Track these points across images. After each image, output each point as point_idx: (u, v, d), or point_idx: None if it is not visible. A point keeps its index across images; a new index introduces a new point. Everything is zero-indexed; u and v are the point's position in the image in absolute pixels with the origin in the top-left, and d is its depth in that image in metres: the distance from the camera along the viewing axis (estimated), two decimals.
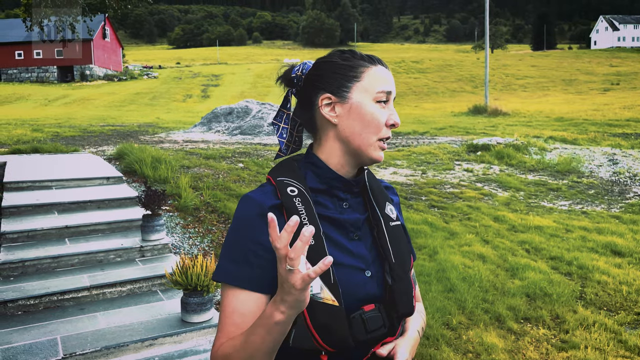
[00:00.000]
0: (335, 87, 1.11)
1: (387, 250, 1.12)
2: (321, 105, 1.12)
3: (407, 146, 12.54)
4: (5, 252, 4.40)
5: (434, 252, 5.34)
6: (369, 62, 1.12)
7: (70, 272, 4.33)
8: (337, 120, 1.11)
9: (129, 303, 4.01)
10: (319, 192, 1.12)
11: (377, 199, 1.17)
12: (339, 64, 1.12)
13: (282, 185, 1.09)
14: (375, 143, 1.10)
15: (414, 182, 8.46)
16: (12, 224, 4.93)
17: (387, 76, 1.12)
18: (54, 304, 3.89)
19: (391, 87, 1.11)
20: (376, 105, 1.10)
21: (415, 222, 6.28)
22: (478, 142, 12.23)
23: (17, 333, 3.42)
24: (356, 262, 1.09)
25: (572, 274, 4.98)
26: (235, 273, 1.04)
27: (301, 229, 1.02)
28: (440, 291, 4.48)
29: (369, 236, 1.14)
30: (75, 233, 5.00)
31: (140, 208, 5.33)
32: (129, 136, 13.96)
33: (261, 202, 1.07)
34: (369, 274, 1.09)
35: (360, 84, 1.10)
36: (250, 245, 1.04)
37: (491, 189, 8.35)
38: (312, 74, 1.15)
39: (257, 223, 1.05)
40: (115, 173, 6.93)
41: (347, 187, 1.14)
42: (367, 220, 1.15)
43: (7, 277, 4.13)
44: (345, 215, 1.12)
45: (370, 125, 1.09)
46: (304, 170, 1.14)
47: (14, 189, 6.01)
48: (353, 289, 1.05)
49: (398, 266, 1.11)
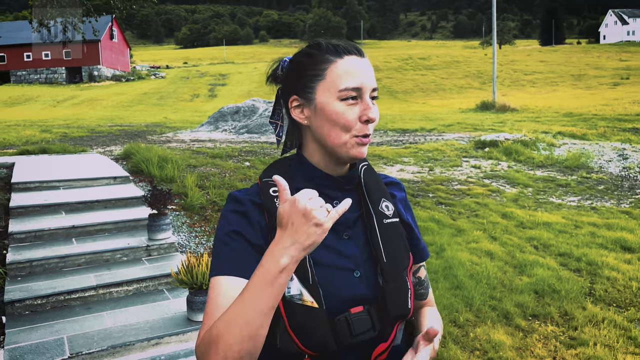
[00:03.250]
0: (300, 88, 1.07)
1: (378, 248, 1.08)
2: (291, 107, 1.09)
3: (414, 143, 12.48)
4: (12, 252, 4.42)
5: (441, 249, 5.31)
6: (334, 55, 1.05)
7: (77, 271, 4.35)
8: (308, 122, 1.08)
9: (135, 302, 4.01)
10: None
11: (371, 195, 1.13)
12: (303, 63, 1.08)
13: (266, 185, 1.08)
14: (349, 141, 1.04)
15: (421, 179, 8.42)
16: (19, 224, 4.96)
17: (355, 69, 1.03)
18: (61, 303, 3.90)
19: (360, 80, 1.03)
20: (341, 103, 1.03)
21: (422, 219, 6.24)
22: (486, 138, 12.15)
23: (24, 333, 3.44)
24: (344, 263, 1.05)
25: (581, 271, 4.93)
26: (218, 265, 1.01)
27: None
28: (448, 288, 4.45)
29: (361, 235, 1.10)
30: (83, 233, 5.02)
31: (146, 207, 5.34)
32: (136, 136, 14.01)
33: (243, 199, 1.07)
34: (357, 275, 1.05)
35: (324, 83, 1.04)
36: (231, 234, 1.03)
37: (499, 186, 8.29)
38: (284, 74, 1.12)
39: (238, 217, 1.04)
40: (122, 173, 6.95)
41: (337, 185, 1.11)
42: (362, 218, 1.12)
43: (14, 277, 4.15)
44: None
45: (337, 125, 1.03)
46: (294, 170, 1.12)
47: (22, 189, 6.05)
48: (338, 290, 1.02)
49: (390, 265, 1.07)
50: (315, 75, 1.05)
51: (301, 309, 0.97)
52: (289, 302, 0.97)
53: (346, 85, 1.02)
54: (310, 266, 1.00)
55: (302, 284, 0.98)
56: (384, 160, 9.96)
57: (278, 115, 1.17)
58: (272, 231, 1.00)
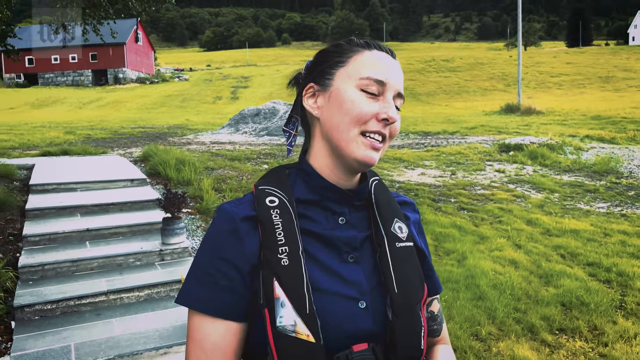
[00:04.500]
0: (319, 75, 0.96)
1: (389, 276, 0.92)
2: (305, 96, 0.97)
3: (436, 146, 12.25)
4: (26, 256, 4.38)
5: (462, 257, 5.11)
6: (364, 47, 0.95)
7: (89, 276, 4.28)
8: (319, 112, 0.95)
9: (146, 309, 3.93)
10: (308, 204, 0.95)
11: (383, 214, 0.98)
12: (329, 52, 0.97)
13: (262, 194, 0.93)
14: (357, 138, 0.90)
15: (443, 184, 8.21)
16: (34, 226, 4.93)
17: (382, 63, 0.93)
18: (71, 309, 3.84)
19: (385, 75, 0.91)
20: (360, 92, 0.90)
21: (443, 225, 6.05)
22: (510, 141, 11.86)
23: (32, 339, 3.37)
24: (347, 290, 0.90)
25: (612, 282, 4.68)
26: (201, 296, 0.88)
27: (277, 247, 0.87)
28: (469, 299, 4.26)
29: (370, 259, 0.95)
30: (97, 236, 4.97)
31: (161, 211, 5.27)
32: (158, 138, 14.07)
33: (233, 213, 0.92)
34: (363, 305, 0.89)
35: (345, 69, 0.93)
36: (217, 263, 0.89)
37: (524, 191, 8.03)
38: (307, 68, 1.01)
39: (227, 238, 0.90)
40: (140, 175, 6.91)
41: (344, 199, 0.96)
42: (371, 239, 0.97)
43: (26, 280, 4.10)
44: (337, 232, 0.93)
45: (348, 113, 0.90)
46: (294, 179, 0.98)
47: (40, 191, 6.05)
48: (339, 323, 0.87)
49: (402, 296, 0.91)
50: (339, 62, 0.94)
51: (294, 343, 0.82)
52: (280, 333, 0.82)
53: (369, 74, 0.91)
54: (307, 291, 0.85)
55: (297, 313, 0.83)
56: (405, 164, 9.77)
57: (293, 124, 1.05)
58: (267, 247, 0.87)
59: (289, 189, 0.95)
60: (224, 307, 0.87)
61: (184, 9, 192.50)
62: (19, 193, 5.92)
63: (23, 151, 10.47)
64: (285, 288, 0.84)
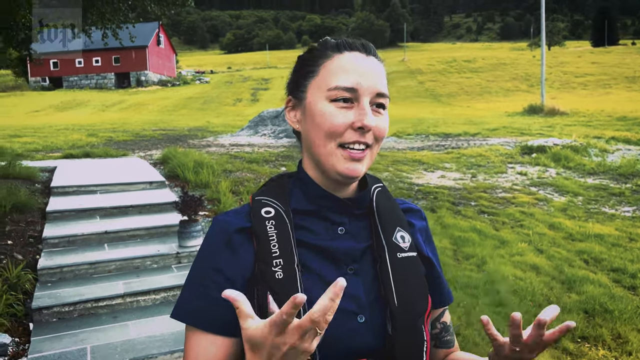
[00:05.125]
0: (295, 87, 0.93)
1: (389, 288, 0.88)
2: (287, 109, 0.94)
3: (456, 148, 12.11)
4: (45, 258, 4.44)
5: (482, 262, 5.02)
6: (334, 50, 0.89)
7: (107, 278, 4.31)
8: (299, 126, 0.92)
9: (162, 311, 3.93)
10: (306, 214, 0.91)
11: (384, 223, 0.93)
12: (302, 60, 0.93)
13: (258, 205, 0.90)
14: (335, 151, 0.86)
15: (463, 186, 8.09)
16: (54, 228, 4.99)
17: (352, 66, 0.86)
18: (88, 311, 3.86)
19: (357, 80, 0.85)
20: (330, 104, 0.85)
21: (462, 229, 5.95)
22: (533, 143, 11.66)
23: (50, 341, 3.40)
24: (346, 304, 0.85)
25: (637, 288, 4.54)
26: (194, 311, 0.85)
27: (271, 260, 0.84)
28: (488, 305, 4.17)
29: (370, 270, 0.90)
30: (115, 238, 5.01)
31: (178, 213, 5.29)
32: (178, 140, 14.20)
33: (227, 225, 0.89)
34: (362, 320, 0.85)
35: (315, 80, 0.88)
36: (210, 276, 0.86)
37: (546, 194, 7.87)
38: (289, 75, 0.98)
39: (220, 250, 0.87)
40: (159, 177, 6.96)
41: (343, 208, 0.92)
42: (372, 250, 0.92)
43: (45, 282, 4.15)
44: (336, 243, 0.89)
45: (320, 128, 0.86)
46: (292, 188, 0.94)
47: (60, 193, 6.13)
48: (337, 338, 0.83)
49: (402, 310, 0.86)
50: (310, 72, 0.90)
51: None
52: None
53: (337, 84, 0.85)
54: (303, 306, 0.80)
55: None
56: (424, 166, 9.67)
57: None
58: (261, 260, 0.84)
59: (286, 199, 0.92)
60: (217, 321, 0.85)
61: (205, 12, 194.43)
62: (40, 195, 6.01)
63: (46, 153, 10.66)
64: (280, 302, 0.80)
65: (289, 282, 0.82)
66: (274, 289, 0.81)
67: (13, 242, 4.60)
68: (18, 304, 3.69)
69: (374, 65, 0.88)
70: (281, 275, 0.82)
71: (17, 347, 3.30)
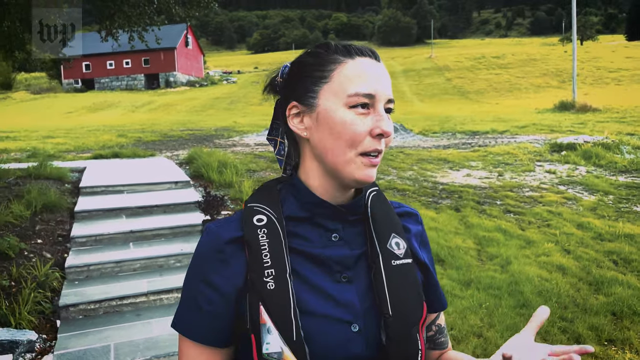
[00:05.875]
0: (302, 92, 0.89)
1: (384, 297, 0.86)
2: (289, 116, 0.91)
3: (483, 146, 11.93)
4: (73, 256, 4.55)
5: (506, 263, 4.93)
6: (345, 55, 0.87)
7: (132, 276, 4.40)
8: (308, 133, 0.89)
9: None
10: (300, 221, 0.90)
11: (379, 229, 0.92)
12: (307, 63, 0.90)
13: (250, 213, 0.89)
14: (355, 159, 0.84)
15: (489, 185, 7.97)
16: (82, 227, 5.12)
17: (368, 72, 0.85)
18: (113, 309, 3.95)
19: (374, 87, 0.85)
20: (349, 111, 0.84)
21: (487, 229, 5.86)
22: (563, 140, 11.40)
23: (75, 338, 3.49)
24: (339, 312, 0.85)
25: None
26: (187, 321, 0.87)
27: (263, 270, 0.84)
28: (512, 306, 4.10)
29: (365, 278, 0.89)
30: (140, 237, 5.10)
31: (201, 213, 5.36)
32: (205, 140, 14.37)
33: (218, 235, 0.88)
34: (356, 329, 0.84)
35: (329, 86, 0.86)
36: (201, 287, 0.87)
37: (575, 193, 7.68)
38: (283, 80, 0.94)
39: (211, 261, 0.87)
40: (184, 177, 7.06)
41: (337, 215, 0.91)
42: (366, 257, 0.91)
43: (72, 280, 4.26)
44: (329, 251, 0.89)
45: (341, 137, 0.84)
46: (285, 195, 0.93)
47: (89, 193, 6.28)
48: (330, 348, 0.82)
49: (397, 319, 0.85)
50: (320, 77, 0.87)
51: None
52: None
53: (357, 90, 0.84)
54: (295, 317, 0.81)
55: (284, 340, 0.79)
56: (450, 165, 9.55)
57: (277, 130, 0.99)
58: (253, 270, 0.84)
59: (279, 206, 0.91)
60: (208, 333, 0.86)
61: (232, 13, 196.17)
62: (70, 195, 6.16)
63: (77, 154, 10.93)
64: (271, 313, 0.80)
65: (280, 292, 0.82)
66: (266, 300, 0.81)
67: (43, 241, 4.74)
68: (46, 301, 3.80)
69: (384, 71, 0.88)
70: (273, 286, 0.82)
71: (44, 343, 3.40)
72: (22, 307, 3.52)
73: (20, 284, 3.83)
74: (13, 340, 2.95)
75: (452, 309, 4.04)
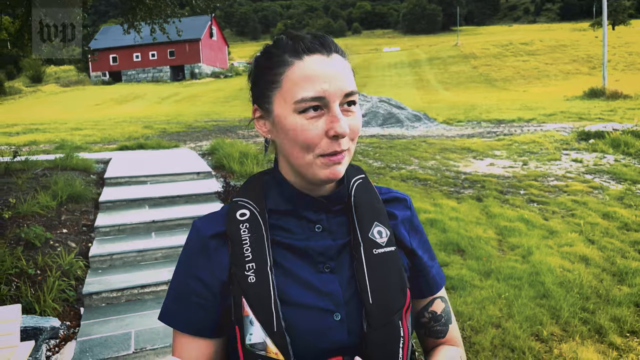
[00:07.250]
0: (260, 97, 0.90)
1: (364, 286, 0.87)
2: (254, 118, 0.92)
3: (509, 135, 11.73)
4: (97, 245, 4.66)
5: (528, 253, 4.86)
6: (293, 55, 0.84)
7: (153, 265, 4.49)
8: (270, 136, 0.91)
9: None
10: (283, 214, 0.92)
11: (361, 218, 0.92)
12: (261, 66, 0.90)
13: (234, 208, 0.92)
14: (314, 161, 0.84)
15: (513, 175, 7.84)
16: (106, 217, 5.23)
17: (316, 73, 0.82)
18: (135, 297, 4.04)
19: (322, 87, 0.81)
20: (299, 117, 0.83)
21: (509, 219, 5.78)
22: (590, 129, 11.12)
23: (98, 325, 3.59)
24: (322, 302, 0.86)
25: None
26: (175, 314, 0.90)
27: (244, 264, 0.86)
28: (532, 297, 4.04)
29: (348, 268, 0.90)
30: (162, 227, 5.19)
31: (221, 203, 5.41)
32: (228, 131, 14.48)
33: (202, 230, 0.91)
34: (338, 318, 0.85)
35: (280, 92, 0.85)
36: (188, 281, 0.90)
37: (602, 182, 7.51)
38: (249, 79, 0.94)
39: (196, 255, 0.90)
40: (206, 168, 7.14)
41: (319, 206, 0.92)
42: (349, 246, 0.92)
43: (95, 269, 4.36)
44: (312, 242, 0.90)
45: (297, 142, 0.84)
46: (268, 188, 0.95)
47: (113, 184, 6.40)
48: (312, 337, 0.84)
49: (377, 307, 0.86)
50: (272, 81, 0.86)
51: None
52: (250, 353, 0.82)
53: (303, 96, 0.82)
54: (275, 309, 0.82)
55: (265, 331, 0.81)
56: (473, 154, 9.43)
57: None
58: (235, 264, 0.86)
59: (262, 199, 0.93)
60: (196, 324, 0.89)
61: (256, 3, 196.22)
62: (94, 186, 6.30)
63: (103, 145, 11.14)
64: (253, 306, 0.82)
65: (261, 285, 0.83)
66: (247, 293, 0.83)
67: (68, 231, 4.86)
68: (70, 289, 3.91)
69: (337, 65, 0.85)
70: (254, 279, 0.84)
71: (68, 330, 3.50)
72: (47, 294, 3.63)
73: (45, 272, 3.95)
74: (37, 327, 3.05)
75: (470, 299, 4.01)
